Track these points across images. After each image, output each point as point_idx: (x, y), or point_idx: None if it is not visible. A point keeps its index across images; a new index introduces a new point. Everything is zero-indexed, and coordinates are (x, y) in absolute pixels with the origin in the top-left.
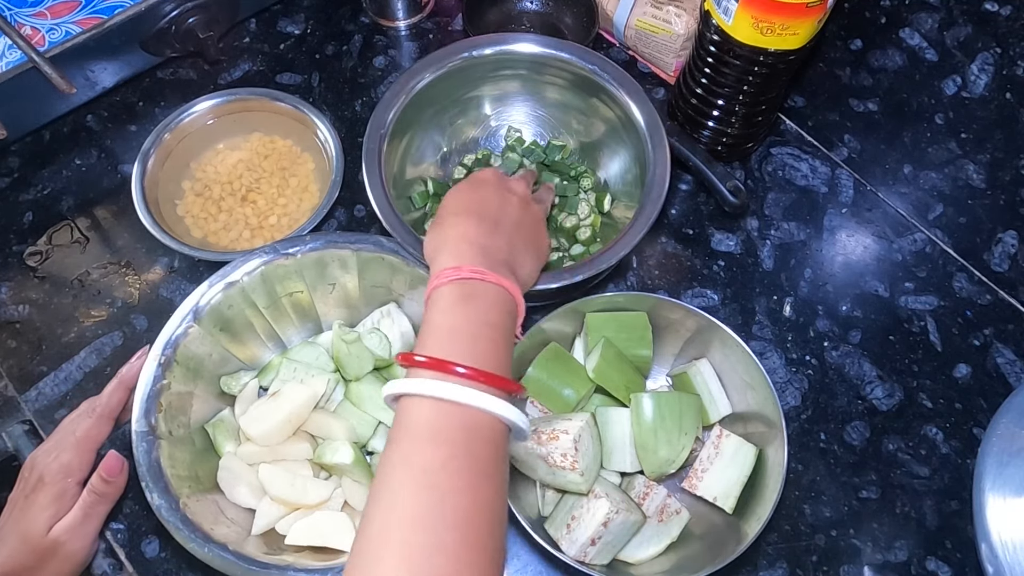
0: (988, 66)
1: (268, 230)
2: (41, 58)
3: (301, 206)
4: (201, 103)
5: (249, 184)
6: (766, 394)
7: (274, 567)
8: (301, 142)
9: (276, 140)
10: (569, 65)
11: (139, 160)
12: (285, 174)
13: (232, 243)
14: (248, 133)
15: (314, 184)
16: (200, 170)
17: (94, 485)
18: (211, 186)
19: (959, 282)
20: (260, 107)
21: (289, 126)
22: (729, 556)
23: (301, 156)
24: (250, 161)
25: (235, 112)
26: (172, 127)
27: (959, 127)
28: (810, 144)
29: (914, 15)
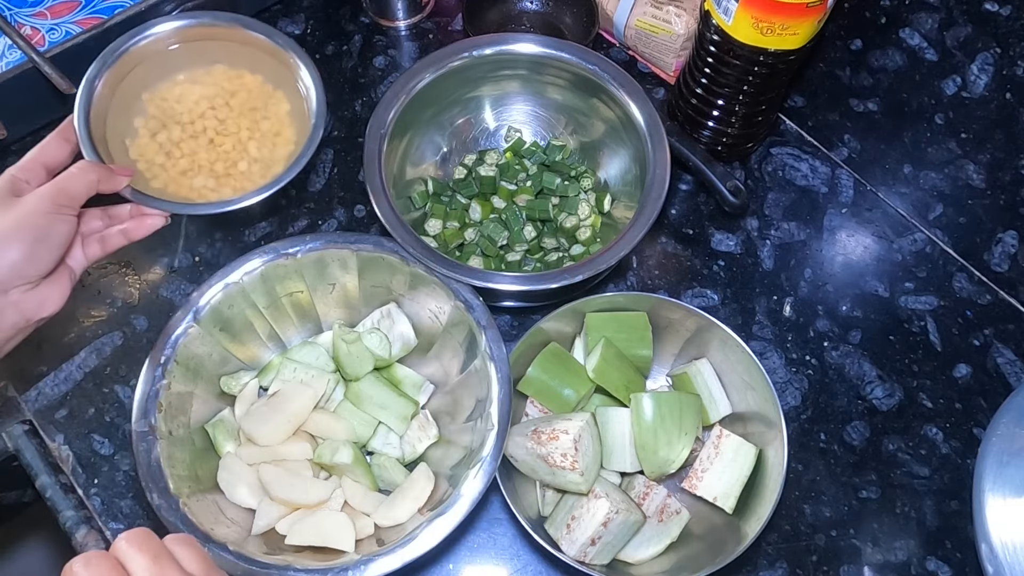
0: (988, 66)
1: (236, 178)
2: (41, 58)
3: (275, 152)
4: (161, 25)
5: (215, 126)
6: (766, 394)
7: (274, 567)
8: (274, 79)
9: (244, 75)
10: (569, 65)
11: (83, 86)
12: (256, 115)
13: (194, 192)
14: (210, 65)
15: (290, 128)
16: (154, 104)
17: None
18: (168, 125)
19: (959, 282)
20: (227, 35)
21: (260, 60)
22: (729, 556)
23: (274, 95)
24: (214, 98)
25: (199, 40)
26: (124, 50)
27: (959, 127)
28: (810, 144)
29: (914, 15)
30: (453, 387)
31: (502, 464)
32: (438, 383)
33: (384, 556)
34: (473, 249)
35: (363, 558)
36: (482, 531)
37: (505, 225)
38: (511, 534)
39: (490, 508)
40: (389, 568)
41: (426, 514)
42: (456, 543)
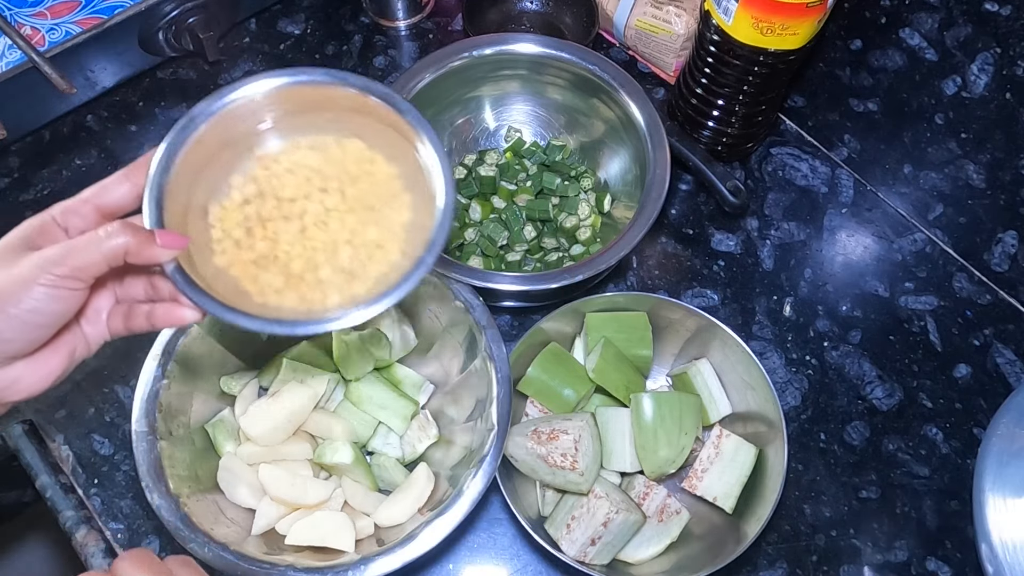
0: (988, 66)
1: (309, 286)
2: (41, 58)
3: (367, 268)
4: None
5: (317, 213)
6: (766, 394)
7: (274, 567)
8: (409, 177)
9: (378, 161)
10: (569, 65)
11: (184, 122)
12: (368, 216)
13: (254, 286)
14: (346, 136)
15: (397, 244)
16: (263, 165)
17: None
18: (265, 195)
19: (959, 282)
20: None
21: (401, 148)
22: (729, 556)
23: (400, 197)
24: (331, 179)
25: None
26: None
27: (959, 127)
28: (810, 144)
29: (914, 15)
30: (453, 387)
31: (502, 464)
32: (438, 383)
33: (384, 556)
34: (473, 249)
35: (363, 558)
36: (482, 531)
37: (505, 225)
38: (511, 534)
39: (490, 508)
40: (389, 568)
41: (426, 514)
42: (456, 543)
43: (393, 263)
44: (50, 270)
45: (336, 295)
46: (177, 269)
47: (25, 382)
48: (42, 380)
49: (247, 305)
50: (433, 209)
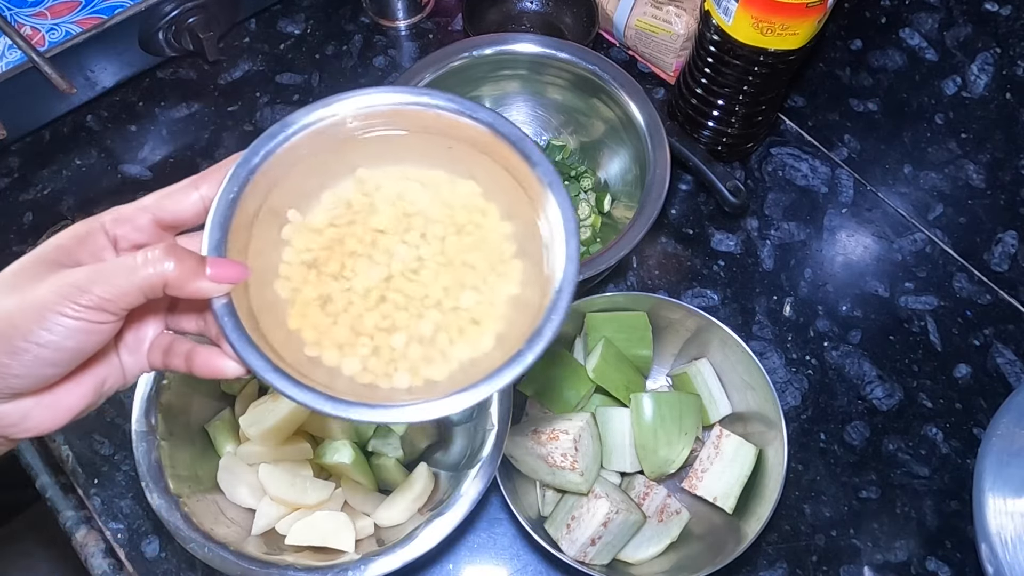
0: (988, 66)
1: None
2: (41, 58)
3: (449, 350)
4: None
5: (407, 260)
6: (766, 394)
7: (274, 567)
8: (526, 241)
9: (491, 213)
10: (569, 65)
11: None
12: (466, 278)
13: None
14: (462, 176)
15: (494, 322)
16: (364, 189)
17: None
18: (357, 222)
19: (959, 282)
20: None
21: (521, 202)
22: (729, 556)
23: (510, 264)
24: (433, 224)
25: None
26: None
27: (959, 127)
28: (810, 144)
29: (914, 15)
30: None
31: (502, 464)
32: None
33: (384, 556)
34: None
35: (363, 558)
36: (482, 531)
37: None
38: (511, 534)
39: (490, 508)
40: (389, 568)
41: (426, 514)
42: (456, 543)
43: (484, 350)
44: (73, 298)
45: (406, 375)
46: (228, 308)
47: (36, 419)
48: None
49: (297, 358)
50: (547, 289)
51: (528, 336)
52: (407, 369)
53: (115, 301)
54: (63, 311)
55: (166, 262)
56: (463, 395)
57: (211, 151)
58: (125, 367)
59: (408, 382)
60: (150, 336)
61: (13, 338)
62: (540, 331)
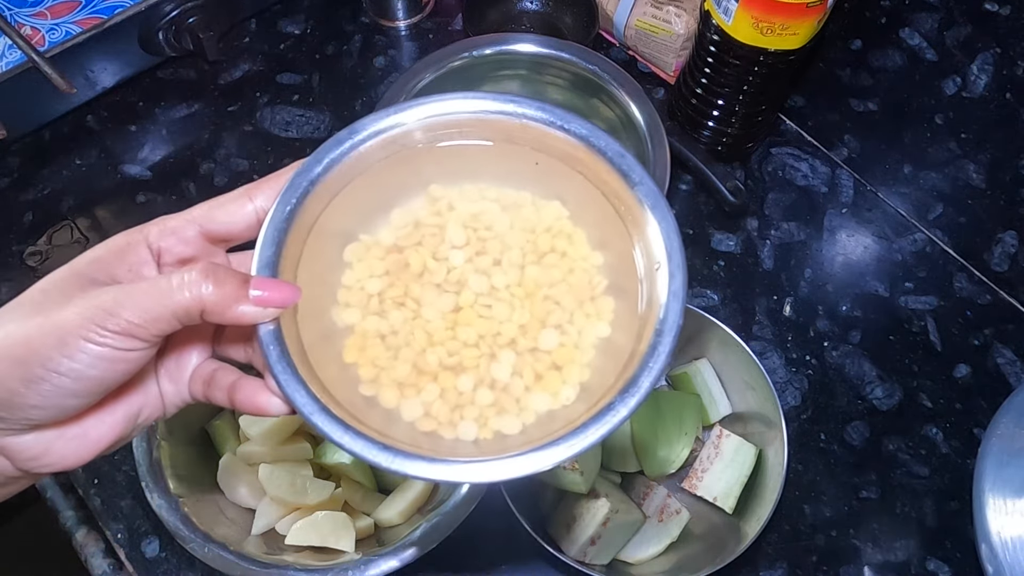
0: (988, 66)
1: (443, 397)
2: (41, 58)
3: (524, 399)
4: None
5: (480, 290)
6: (766, 394)
7: (274, 567)
8: (620, 275)
9: (579, 241)
10: (569, 65)
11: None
12: (546, 314)
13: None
14: (547, 197)
15: (579, 369)
16: (435, 209)
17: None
18: (424, 246)
19: (959, 282)
20: (586, 163)
21: (617, 230)
22: (729, 556)
23: (599, 301)
24: (510, 249)
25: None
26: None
27: (959, 127)
28: (810, 144)
29: (914, 15)
30: None
31: None
32: None
33: (384, 556)
34: None
35: (363, 558)
36: (482, 531)
37: None
38: (511, 534)
39: (490, 508)
40: (389, 568)
41: (426, 514)
42: (456, 543)
43: (565, 401)
44: (100, 322)
45: (474, 425)
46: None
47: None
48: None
49: (351, 397)
50: (644, 332)
51: (621, 387)
52: (474, 418)
53: (146, 327)
54: (87, 336)
55: (204, 285)
56: (539, 455)
57: (211, 151)
58: (165, 396)
59: (475, 434)
60: (194, 363)
61: (31, 365)
62: (636, 380)
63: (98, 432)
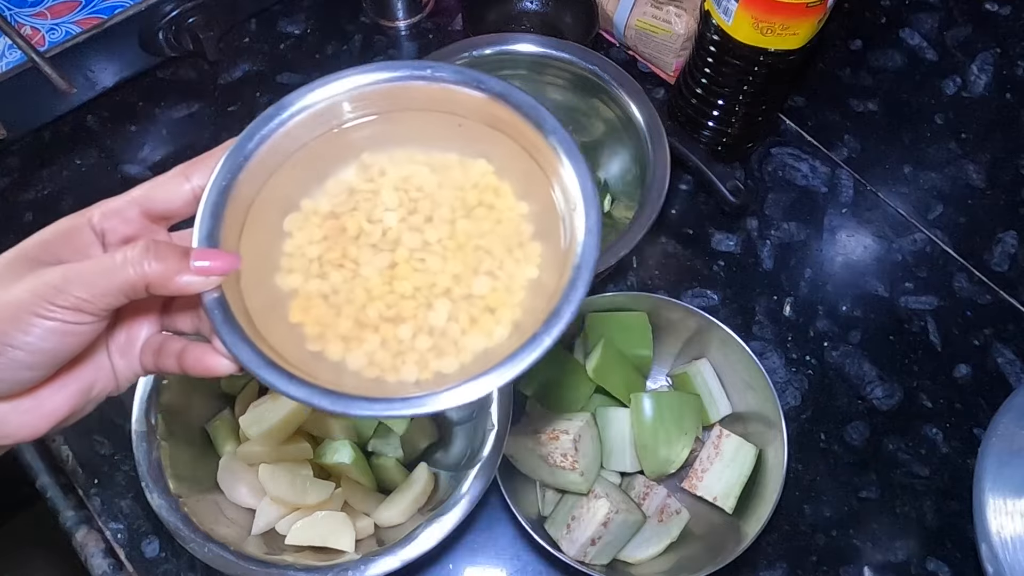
0: (988, 66)
1: (385, 346)
2: (41, 58)
3: (464, 336)
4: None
5: (414, 245)
6: (766, 394)
7: (274, 567)
8: (545, 221)
9: (506, 194)
10: (569, 65)
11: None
12: (481, 263)
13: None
14: (473, 156)
15: (512, 309)
16: (368, 175)
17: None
18: (359, 211)
19: (959, 282)
20: (503, 121)
21: (539, 182)
22: (729, 556)
23: (527, 247)
24: (441, 206)
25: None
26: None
27: (959, 127)
28: (810, 144)
29: (914, 15)
30: None
31: (502, 464)
32: None
33: (384, 556)
34: None
35: (363, 558)
36: (482, 531)
37: None
38: (511, 534)
39: (490, 508)
40: (389, 568)
41: (426, 514)
42: (456, 543)
43: (500, 340)
44: (49, 298)
45: (415, 368)
46: (218, 302)
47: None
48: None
49: (300, 355)
50: (565, 266)
51: (545, 319)
52: (415, 362)
53: (93, 302)
54: (38, 312)
55: (146, 260)
56: (472, 384)
57: None
58: (117, 370)
59: (416, 375)
60: (143, 337)
61: None
62: (558, 312)
63: (53, 404)
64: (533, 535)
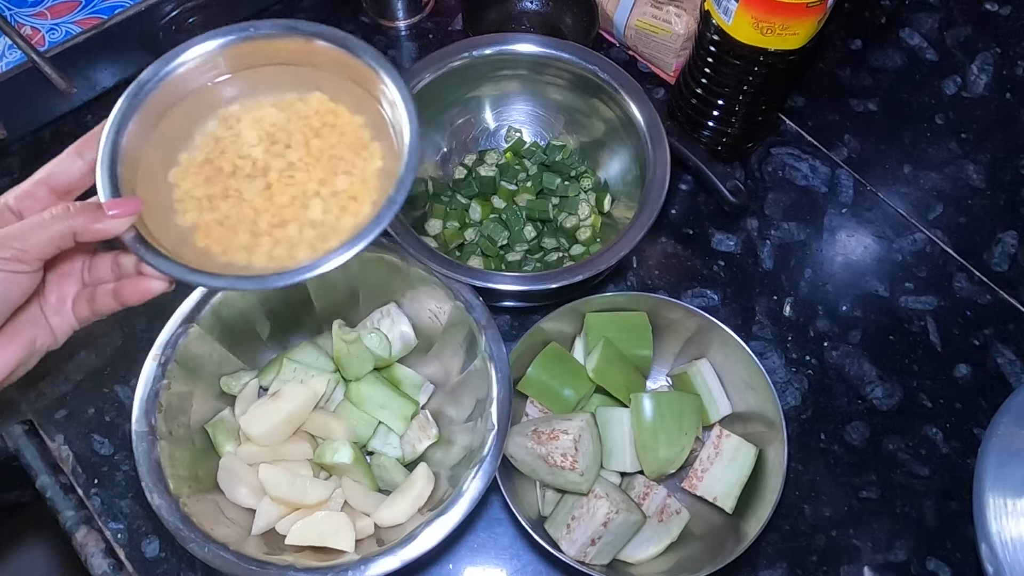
0: (988, 66)
1: (280, 243)
2: (41, 58)
3: (340, 221)
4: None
5: (281, 168)
6: (766, 394)
7: (274, 567)
8: (376, 125)
9: (342, 113)
10: (569, 65)
11: (133, 89)
12: (337, 167)
13: (223, 248)
14: (307, 91)
15: (370, 195)
16: (227, 124)
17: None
18: (227, 152)
19: (959, 282)
20: (333, 60)
21: (364, 99)
22: (729, 556)
23: (368, 147)
24: (294, 133)
25: (299, 60)
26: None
27: (959, 127)
28: (810, 144)
29: (914, 15)
30: (453, 387)
31: (502, 464)
32: (438, 383)
33: (384, 556)
34: (473, 249)
35: (363, 558)
36: (482, 531)
37: (505, 225)
38: (511, 534)
39: (490, 508)
40: (389, 568)
41: (426, 514)
42: (456, 543)
43: (366, 216)
44: None
45: (307, 251)
46: (137, 238)
47: None
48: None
49: (213, 267)
50: (400, 153)
51: (395, 185)
52: (307, 248)
53: (29, 251)
54: None
55: (69, 216)
56: (358, 241)
57: None
58: (53, 326)
59: (310, 256)
60: (71, 294)
61: None
62: (403, 180)
63: (5, 355)
64: (533, 535)
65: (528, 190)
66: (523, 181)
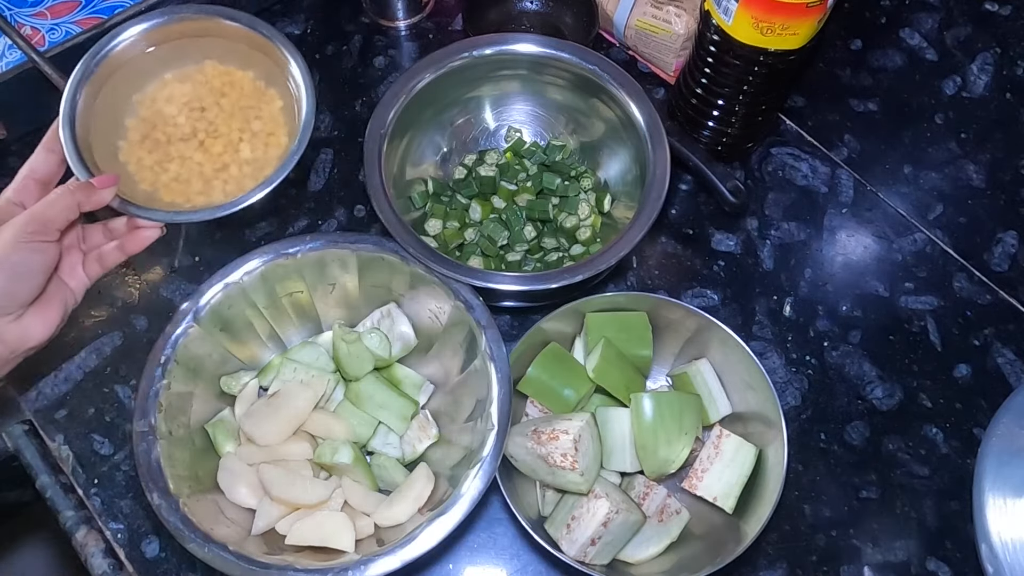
0: (988, 66)
1: (228, 181)
2: (41, 58)
3: (267, 153)
4: (141, 23)
5: (205, 127)
6: (766, 394)
7: (274, 567)
8: (265, 75)
9: (234, 72)
10: (569, 65)
11: (67, 91)
12: (248, 115)
13: (185, 197)
14: (199, 62)
15: (283, 127)
16: (145, 106)
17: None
18: (158, 126)
19: (959, 282)
20: (213, 30)
21: (249, 56)
22: (729, 556)
23: (266, 93)
24: (204, 98)
25: (185, 36)
26: (107, 52)
27: (959, 127)
28: (810, 144)
29: (914, 15)
30: (453, 387)
31: (502, 464)
32: (438, 383)
33: (384, 556)
34: (473, 249)
35: (363, 558)
36: (482, 531)
37: (505, 225)
38: (511, 534)
39: (490, 508)
40: (389, 568)
41: (426, 514)
42: (456, 543)
43: (286, 145)
44: (24, 229)
45: (251, 181)
46: (124, 201)
47: (35, 331)
48: (47, 328)
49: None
50: (298, 94)
51: (298, 134)
52: (250, 180)
53: (48, 223)
54: (20, 238)
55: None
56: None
57: None
58: (72, 287)
59: (255, 183)
60: (78, 262)
61: (3, 264)
62: (305, 123)
63: (50, 315)
64: (533, 535)
65: (528, 190)
66: (523, 181)
